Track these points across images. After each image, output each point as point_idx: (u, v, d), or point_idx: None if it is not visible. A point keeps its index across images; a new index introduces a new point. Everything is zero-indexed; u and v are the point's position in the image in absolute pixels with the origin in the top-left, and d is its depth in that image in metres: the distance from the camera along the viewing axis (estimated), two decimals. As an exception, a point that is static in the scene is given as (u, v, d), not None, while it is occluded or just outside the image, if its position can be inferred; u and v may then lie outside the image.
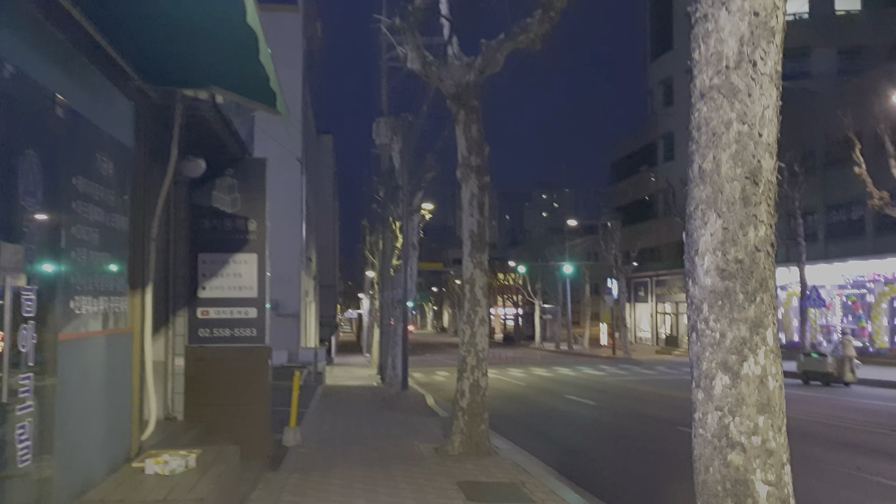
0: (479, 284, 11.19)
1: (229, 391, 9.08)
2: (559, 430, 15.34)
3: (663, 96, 53.53)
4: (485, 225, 11.28)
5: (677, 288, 49.34)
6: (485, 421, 11.04)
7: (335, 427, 14.01)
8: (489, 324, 11.35)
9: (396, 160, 26.67)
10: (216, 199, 9.27)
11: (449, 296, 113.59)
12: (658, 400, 20.99)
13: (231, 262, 9.26)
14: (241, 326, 9.24)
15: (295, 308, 29.10)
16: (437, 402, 20.13)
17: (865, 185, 30.43)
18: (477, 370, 11.07)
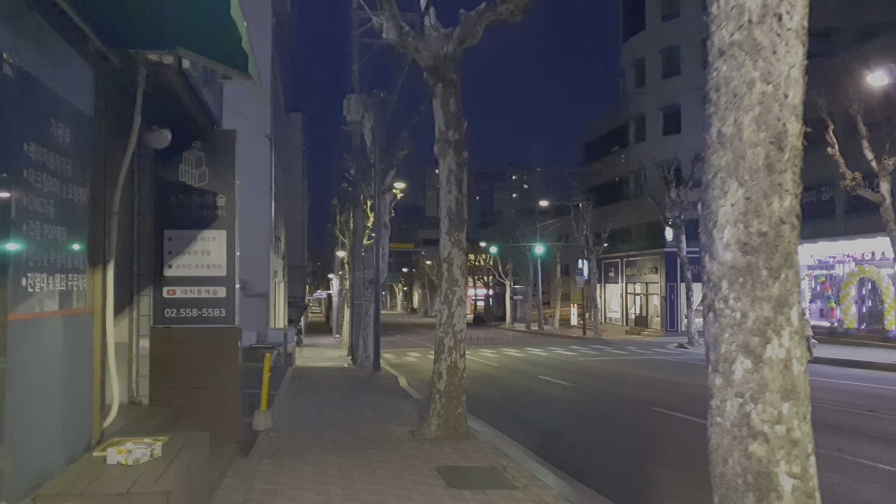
0: (458, 264, 10.86)
1: (197, 374, 8.67)
2: (535, 411, 15.11)
3: (635, 77, 53.34)
4: (463, 202, 10.94)
5: (647, 269, 49.45)
6: (462, 404, 10.75)
7: (307, 410, 13.65)
8: (465, 304, 11.04)
9: (368, 138, 26.18)
10: (183, 172, 8.81)
11: (419, 276, 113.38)
12: (632, 380, 20.86)
13: (199, 238, 8.83)
14: (210, 306, 8.82)
15: (264, 288, 28.59)
16: (409, 383, 19.85)
17: (837, 166, 30.57)
18: (455, 351, 10.76)
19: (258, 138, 28.03)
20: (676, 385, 19.51)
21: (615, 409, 15.47)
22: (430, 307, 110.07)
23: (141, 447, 5.51)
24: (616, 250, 52.73)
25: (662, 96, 49.20)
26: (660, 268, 47.46)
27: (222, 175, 8.91)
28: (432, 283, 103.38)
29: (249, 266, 28.28)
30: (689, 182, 38.10)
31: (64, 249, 5.43)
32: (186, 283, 8.78)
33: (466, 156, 10.96)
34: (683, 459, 10.09)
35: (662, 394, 17.67)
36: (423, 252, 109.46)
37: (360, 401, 15.25)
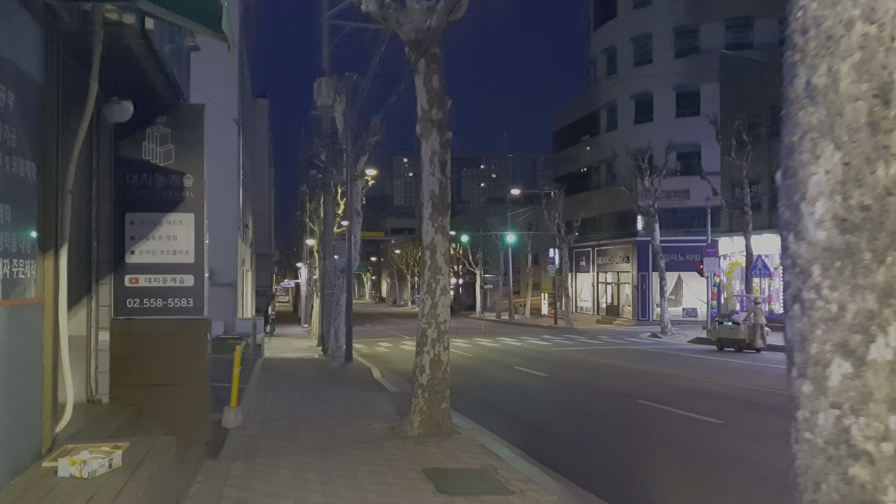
0: (441, 251, 10.25)
1: (162, 370, 7.98)
2: (516, 404, 14.57)
3: (606, 65, 52.97)
4: (447, 185, 10.32)
5: (619, 258, 49.21)
6: (446, 399, 10.15)
7: (279, 405, 12.97)
8: (449, 294, 10.44)
9: (339, 122, 25.43)
10: (146, 150, 8.09)
11: (387, 265, 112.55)
12: (611, 371, 20.42)
13: (164, 222, 8.12)
14: (176, 296, 8.13)
15: (232, 277, 27.76)
16: (383, 375, 19.25)
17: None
18: (438, 344, 10.16)
19: (225, 122, 27.14)
20: (658, 376, 19.10)
21: (599, 401, 14.98)
22: (399, 296, 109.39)
23: (98, 457, 4.84)
24: (587, 239, 52.42)
25: (634, 84, 48.87)
26: (631, 257, 47.25)
27: (189, 154, 8.20)
28: (401, 272, 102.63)
29: (216, 254, 27.40)
30: (663, 170, 37.82)
31: (7, 231, 4.72)
32: (150, 270, 8.07)
33: (451, 136, 10.34)
34: (678, 458, 9.60)
35: (645, 385, 17.23)
36: (393, 241, 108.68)
37: (333, 394, 14.60)
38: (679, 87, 47.23)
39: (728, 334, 26.49)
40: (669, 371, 20.23)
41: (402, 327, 50.65)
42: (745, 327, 25.76)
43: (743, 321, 26.12)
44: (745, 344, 25.73)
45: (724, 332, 26.74)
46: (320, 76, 26.57)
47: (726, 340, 26.56)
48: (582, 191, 54.67)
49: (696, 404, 13.98)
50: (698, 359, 24.05)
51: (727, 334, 26.55)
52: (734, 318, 27.09)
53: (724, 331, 26.80)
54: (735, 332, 26.08)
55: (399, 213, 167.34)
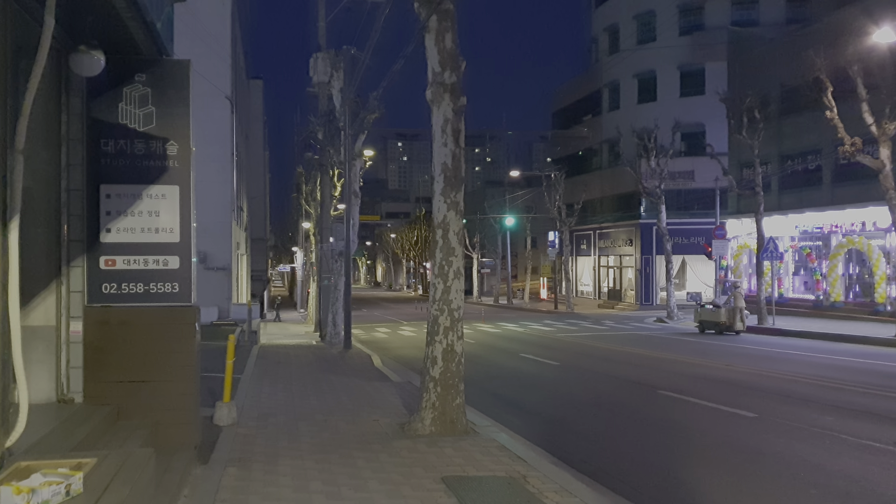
0: (454, 229, 9.25)
1: (144, 364, 7.01)
2: (529, 396, 13.63)
3: (608, 44, 51.82)
4: (460, 157, 9.32)
5: (621, 241, 48.25)
6: (461, 394, 9.20)
7: (276, 397, 12.01)
8: (463, 277, 9.45)
9: (337, 100, 24.38)
10: (124, 113, 7.08)
11: (382, 250, 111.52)
12: (623, 358, 19.51)
13: (145, 196, 7.12)
14: (159, 280, 7.14)
15: (226, 261, 26.77)
16: (384, 362, 18.34)
17: (823, 133, 29.37)
18: (451, 333, 9.20)
19: (217, 100, 26.08)
20: (673, 363, 18.18)
21: (618, 392, 14.04)
22: (395, 281, 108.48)
23: (53, 480, 3.86)
24: (588, 222, 51.45)
25: (637, 63, 47.75)
26: (635, 240, 46.30)
27: (173, 117, 7.20)
28: (396, 256, 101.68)
29: (210, 237, 26.42)
30: (670, 150, 36.81)
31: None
32: (129, 251, 7.08)
33: (465, 102, 9.33)
34: (721, 458, 8.67)
35: (662, 373, 16.31)
36: (389, 224, 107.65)
37: (334, 385, 13.64)
38: (683, 66, 46.13)
39: (709, 317, 27.23)
40: (684, 358, 19.32)
41: (400, 312, 49.75)
42: (726, 310, 26.40)
43: (723, 304, 26.76)
44: (726, 326, 26.29)
45: (706, 315, 27.49)
46: (317, 51, 25.51)
47: (707, 323, 27.30)
48: (583, 172, 53.65)
49: (723, 395, 13.06)
50: (711, 345, 23.15)
51: (708, 317, 27.30)
52: (715, 302, 27.95)
53: (705, 314, 27.58)
54: (716, 315, 26.79)
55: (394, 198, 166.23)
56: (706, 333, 26.96)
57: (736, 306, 26.18)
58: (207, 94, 25.84)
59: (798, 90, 31.63)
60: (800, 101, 31.76)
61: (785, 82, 32.55)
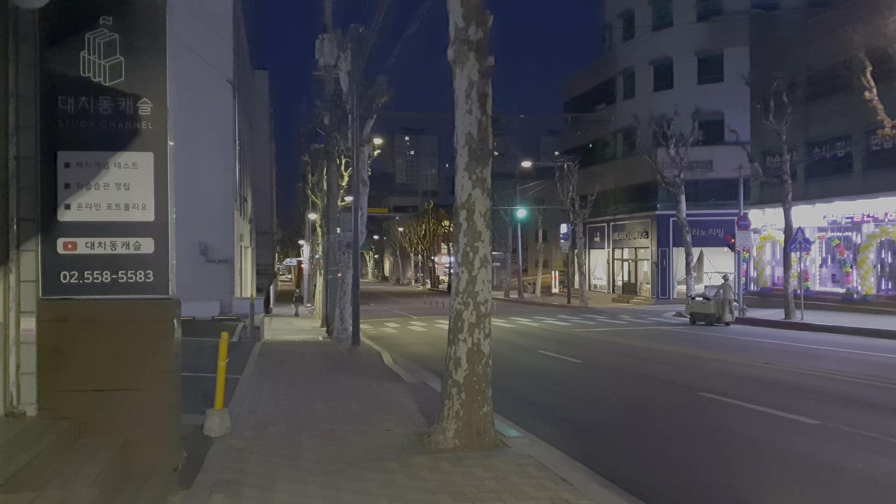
0: (480, 210, 7.99)
1: (111, 369, 5.79)
2: (557, 399, 12.37)
3: (623, 30, 50.38)
4: (487, 125, 8.04)
5: (637, 233, 46.86)
6: (488, 401, 7.95)
7: (278, 401, 10.77)
8: (491, 265, 8.16)
9: (344, 82, 23.11)
10: (86, 64, 5.84)
11: (390, 243, 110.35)
12: (650, 356, 18.23)
13: (112, 165, 5.88)
14: (130, 267, 5.92)
15: (228, 253, 25.56)
16: (394, 360, 17.13)
17: (853, 118, 27.97)
18: (478, 330, 7.94)
19: (218, 83, 24.85)
20: (706, 361, 16.90)
21: (652, 394, 12.75)
22: (403, 275, 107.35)
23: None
24: (602, 214, 50.06)
25: (653, 50, 46.30)
26: (651, 232, 44.90)
27: (147, 69, 5.94)
28: (404, 250, 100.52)
29: (211, 227, 25.24)
30: (690, 138, 35.44)
31: None
32: (94, 231, 5.86)
33: (492, 62, 8.05)
34: (787, 473, 7.42)
35: (696, 372, 15.03)
36: (398, 217, 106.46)
37: (341, 386, 12.42)
38: (701, 52, 44.66)
39: (699, 309, 27.93)
40: (715, 355, 18.04)
41: (408, 306, 48.56)
42: (715, 302, 27.06)
43: (713, 297, 27.39)
44: (715, 318, 26.99)
45: (696, 307, 28.24)
46: (323, 32, 24.25)
47: (697, 315, 27.97)
48: (596, 163, 52.25)
49: (772, 397, 11.78)
50: (742, 341, 21.83)
51: (698, 309, 28.00)
52: (705, 294, 28.64)
53: (695, 306, 28.37)
54: (706, 307, 27.50)
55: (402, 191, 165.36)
56: (697, 325, 27.53)
57: (725, 298, 26.76)
58: (208, 77, 24.67)
59: (826, 73, 30.28)
60: (828, 84, 30.40)
61: (812, 65, 31.13)
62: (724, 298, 26.81)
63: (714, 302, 27.10)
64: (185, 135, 24.90)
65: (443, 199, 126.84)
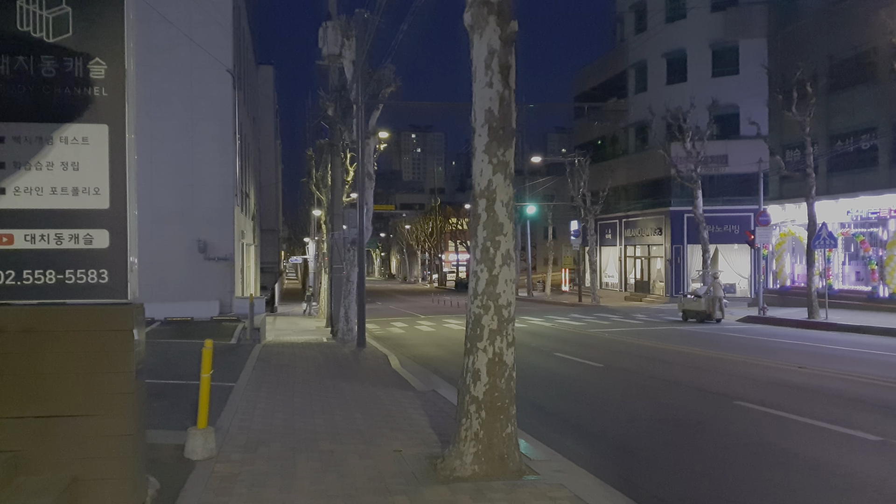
0: (503, 198, 6.90)
1: (57, 391, 4.72)
2: (582, 410, 11.28)
3: (635, 22, 49.18)
4: (510, 100, 6.95)
5: (650, 230, 45.68)
6: (512, 420, 6.86)
7: (273, 414, 9.70)
8: (514, 263, 7.08)
9: (349, 72, 22.03)
10: (24, 15, 4.75)
11: (397, 241, 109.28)
12: (673, 359, 17.12)
13: (57, 140, 4.81)
14: (80, 266, 4.85)
15: (228, 250, 24.51)
16: (402, 364, 16.09)
17: (879, 108, 26.77)
18: (499, 338, 6.85)
19: (218, 73, 23.79)
20: (734, 365, 15.78)
21: (685, 403, 11.64)
22: (409, 273, 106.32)
23: None
24: (613, 210, 48.89)
25: (666, 42, 45.12)
26: (664, 228, 43.72)
27: (100, 23, 4.86)
28: (411, 247, 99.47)
29: (210, 224, 24.21)
30: (707, 131, 34.27)
31: None
32: (35, 221, 4.78)
33: (516, 28, 6.96)
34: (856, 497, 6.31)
35: (727, 378, 13.92)
36: (405, 214, 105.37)
37: (345, 395, 11.34)
38: (716, 44, 43.44)
39: (691, 306, 28.50)
40: (743, 358, 16.92)
41: (416, 305, 47.51)
42: (706, 300, 27.61)
43: (703, 294, 27.96)
44: (706, 315, 27.51)
45: (688, 304, 28.83)
46: (327, 20, 23.17)
47: (689, 312, 28.51)
48: (607, 158, 51.10)
49: (820, 408, 10.67)
50: (770, 342, 20.70)
51: (690, 306, 28.58)
52: (696, 292, 29.20)
53: (687, 303, 28.97)
54: (697, 304, 28.06)
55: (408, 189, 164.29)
56: (689, 321, 28.09)
57: (715, 296, 27.48)
58: (206, 66, 23.61)
59: (850, 62, 29.11)
60: (852, 73, 29.21)
61: (835, 54, 29.93)
62: (715, 296, 27.49)
63: (705, 299, 27.69)
64: (183, 126, 23.88)
65: (450, 196, 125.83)
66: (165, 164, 23.83)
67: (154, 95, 23.71)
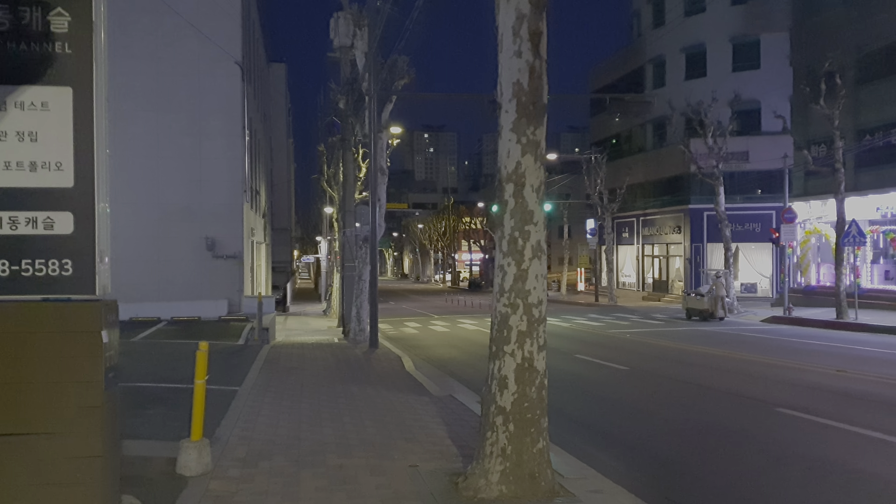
0: (533, 183, 6.11)
1: (9, 403, 3.94)
2: (614, 419, 10.47)
3: (652, 16, 48.23)
4: (542, 73, 6.15)
5: (668, 228, 44.72)
6: (544, 434, 6.06)
7: (278, 423, 8.93)
8: (545, 256, 6.26)
9: (360, 63, 21.27)
10: (-29, -43, 4.00)
11: (409, 241, 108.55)
12: (704, 361, 16.28)
13: (11, 105, 4.06)
14: (40, 254, 4.09)
15: (237, 248, 23.79)
16: (416, 365, 15.33)
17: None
18: (529, 340, 6.05)
19: (226, 65, 23.08)
20: (767, 368, 14.92)
21: (723, 411, 10.79)
22: (422, 272, 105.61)
23: None
24: (630, 208, 47.92)
25: (685, 36, 44.17)
26: (683, 227, 42.75)
27: (62, -34, 4.09)
28: (424, 247, 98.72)
29: (218, 221, 23.50)
30: (730, 126, 33.32)
31: None
32: (-15, 203, 4.01)
33: (548, -9, 6.16)
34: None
35: (762, 382, 13.07)
36: (418, 212, 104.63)
37: (356, 400, 10.57)
38: (736, 38, 42.46)
39: (694, 305, 28.95)
40: (776, 360, 16.06)
41: (429, 304, 46.77)
42: (708, 299, 28.17)
43: (706, 293, 28.44)
44: (709, 313, 28.05)
45: (692, 302, 29.30)
46: (338, 10, 22.42)
47: (693, 310, 28.96)
48: (624, 155, 50.18)
49: (873, 417, 9.83)
50: (799, 344, 19.81)
51: (693, 305, 29.03)
52: (699, 291, 29.55)
53: (691, 301, 29.44)
54: (700, 302, 28.54)
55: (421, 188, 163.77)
56: (692, 320, 28.47)
57: (717, 295, 28.13)
58: (214, 58, 22.91)
59: (880, 53, 28.14)
60: (882, 65, 28.23)
61: (863, 45, 28.95)
62: (717, 295, 28.14)
63: (707, 298, 28.21)
64: (190, 120, 23.18)
65: (463, 195, 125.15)
66: (172, 159, 23.14)
67: (160, 88, 23.05)
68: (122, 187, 23.02)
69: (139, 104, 22.86)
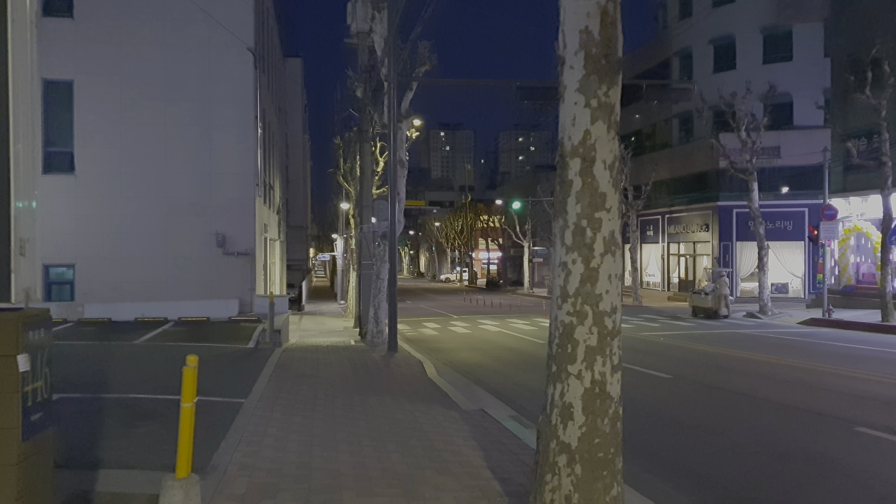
0: (605, 158, 4.81)
1: None
2: (666, 438, 9.15)
3: (679, 7, 46.71)
4: (616, 19, 4.86)
5: (695, 226, 43.20)
6: (618, 477, 4.77)
7: (287, 446, 7.66)
8: (620, 251, 5.00)
9: (380, 48, 20.02)
10: None
11: (426, 239, 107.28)
12: (750, 367, 14.95)
13: None
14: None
15: (248, 245, 22.59)
16: (439, 371, 14.13)
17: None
18: (601, 358, 4.77)
19: (238, 52, 21.88)
20: (826, 377, 13.55)
21: (792, 428, 9.45)
22: (439, 271, 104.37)
23: None
24: (655, 206, 46.42)
25: (713, 27, 42.66)
26: (711, 224, 41.24)
27: None
28: (440, 245, 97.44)
29: (229, 216, 22.32)
30: (764, 118, 31.85)
31: None
32: None
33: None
34: None
35: (829, 395, 11.72)
36: (436, 210, 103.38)
37: (376, 416, 9.30)
38: (767, 29, 40.91)
39: (699, 303, 29.95)
40: (830, 368, 14.71)
41: (447, 304, 45.52)
42: (712, 297, 29.12)
43: (711, 292, 29.30)
44: (713, 312, 29.03)
45: (697, 300, 30.30)
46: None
47: (698, 309, 29.98)
48: (647, 151, 48.69)
49: (973, 440, 8.48)
50: (842, 348, 18.41)
51: (698, 303, 30.03)
52: (704, 290, 30.26)
53: (696, 300, 30.44)
54: (705, 301, 29.50)
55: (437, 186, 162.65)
56: (698, 317, 29.35)
57: (721, 293, 29.00)
58: (225, 44, 21.72)
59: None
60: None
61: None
62: (721, 293, 28.99)
63: (712, 297, 29.10)
64: (200, 110, 22.00)
65: (480, 194, 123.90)
66: (180, 150, 21.95)
67: (168, 76, 21.87)
68: (127, 180, 21.96)
69: (144, 92, 21.70)
